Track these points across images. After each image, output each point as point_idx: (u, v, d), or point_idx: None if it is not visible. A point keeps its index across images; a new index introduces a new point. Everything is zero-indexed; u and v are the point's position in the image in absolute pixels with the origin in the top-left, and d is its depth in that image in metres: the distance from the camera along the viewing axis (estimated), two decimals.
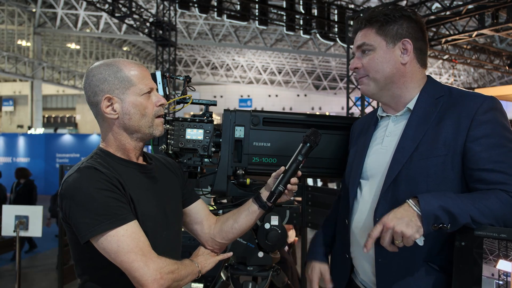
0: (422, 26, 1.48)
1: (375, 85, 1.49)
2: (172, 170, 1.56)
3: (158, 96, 1.41)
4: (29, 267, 5.98)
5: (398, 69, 1.46)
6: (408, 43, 1.45)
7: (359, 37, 1.52)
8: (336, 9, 13.81)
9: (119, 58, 1.43)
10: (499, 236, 1.20)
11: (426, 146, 1.37)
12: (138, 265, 1.21)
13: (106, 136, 1.40)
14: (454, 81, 24.06)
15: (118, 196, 1.26)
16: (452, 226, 1.24)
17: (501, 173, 1.30)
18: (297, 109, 32.04)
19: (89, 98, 1.38)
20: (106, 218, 1.22)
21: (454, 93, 1.44)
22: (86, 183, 1.25)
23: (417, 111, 1.44)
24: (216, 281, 1.97)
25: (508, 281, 1.17)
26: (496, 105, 1.37)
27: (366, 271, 1.50)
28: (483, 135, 1.33)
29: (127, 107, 1.35)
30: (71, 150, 16.79)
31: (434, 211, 1.24)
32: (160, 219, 1.39)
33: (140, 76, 1.37)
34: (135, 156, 1.42)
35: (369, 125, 1.61)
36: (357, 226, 1.51)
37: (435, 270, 1.36)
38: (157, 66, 14.71)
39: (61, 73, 26.84)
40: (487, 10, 10.20)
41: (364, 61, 1.50)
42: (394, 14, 1.46)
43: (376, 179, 1.48)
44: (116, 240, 1.22)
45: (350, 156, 1.64)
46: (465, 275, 1.26)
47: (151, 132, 1.39)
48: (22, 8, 22.44)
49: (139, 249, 1.22)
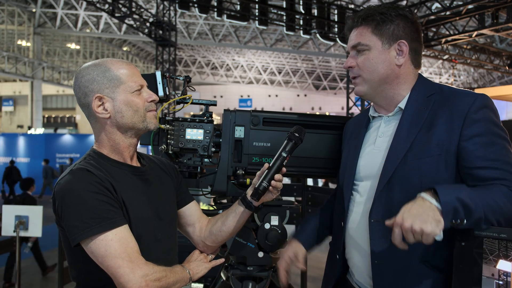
0: (418, 26, 1.47)
1: (369, 85, 1.48)
2: (166, 171, 1.55)
3: (149, 92, 1.41)
4: (29, 267, 5.98)
5: (393, 70, 1.44)
6: (404, 45, 1.43)
7: (354, 36, 1.48)
8: (336, 9, 13.80)
9: (107, 58, 1.42)
10: (499, 236, 1.20)
11: (419, 146, 1.37)
12: (124, 271, 1.20)
13: (99, 136, 1.39)
14: (454, 81, 24.07)
15: (109, 200, 1.26)
16: (467, 221, 1.20)
17: (497, 169, 1.30)
18: (297, 109, 32.04)
19: (79, 100, 1.37)
20: (96, 221, 1.22)
21: (445, 91, 1.43)
22: (78, 186, 1.25)
23: (409, 110, 1.43)
24: (216, 281, 1.97)
25: (508, 281, 1.17)
26: (487, 102, 1.36)
27: (361, 272, 1.49)
28: (477, 133, 1.33)
29: (119, 106, 1.34)
30: (71, 150, 16.79)
31: (453, 202, 1.19)
32: (154, 222, 1.38)
33: (129, 74, 1.37)
34: (129, 155, 1.41)
35: (361, 125, 1.60)
36: (352, 227, 1.50)
37: (431, 270, 1.35)
38: (157, 66, 14.71)
39: (61, 73, 26.86)
40: (487, 10, 10.21)
41: (358, 61, 1.47)
42: (390, 13, 1.43)
43: (370, 180, 1.47)
44: (104, 244, 1.21)
45: (344, 157, 1.63)
46: (465, 275, 1.26)
47: (145, 126, 1.39)
48: (22, 8, 22.45)
49: (126, 254, 1.21)
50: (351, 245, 1.51)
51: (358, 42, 1.45)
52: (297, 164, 1.80)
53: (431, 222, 1.16)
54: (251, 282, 1.84)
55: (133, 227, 1.31)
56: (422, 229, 1.15)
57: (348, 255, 1.54)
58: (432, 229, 1.15)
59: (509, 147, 1.35)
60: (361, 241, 1.46)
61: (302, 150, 1.78)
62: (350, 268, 1.56)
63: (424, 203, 1.21)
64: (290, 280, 1.70)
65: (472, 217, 1.21)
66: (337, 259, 1.56)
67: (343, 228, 1.53)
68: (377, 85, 1.46)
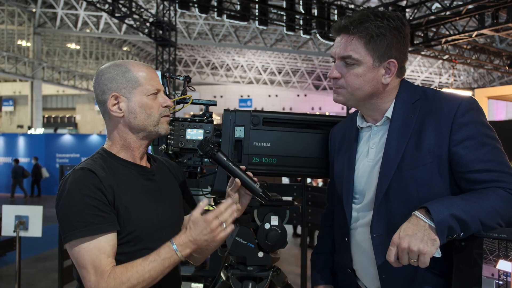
0: (408, 39, 1.42)
1: (352, 98, 1.44)
2: (174, 173, 1.57)
3: (165, 98, 1.43)
4: (29, 267, 5.98)
5: (378, 88, 1.41)
6: (393, 65, 1.39)
7: (344, 45, 1.40)
8: (336, 9, 13.80)
9: (129, 60, 1.45)
10: (499, 236, 1.20)
11: (411, 155, 1.35)
12: (89, 282, 1.23)
13: (112, 134, 1.42)
14: (454, 81, 24.07)
15: (100, 204, 1.26)
16: (465, 234, 1.22)
17: (492, 171, 1.29)
18: (297, 109, 32.04)
19: (97, 96, 1.40)
20: (81, 225, 1.24)
21: (429, 95, 1.41)
22: (73, 186, 1.27)
23: (396, 120, 1.41)
24: (216, 281, 1.97)
25: (508, 281, 1.17)
26: (473, 105, 1.35)
27: (370, 283, 1.49)
28: (466, 137, 1.31)
29: (133, 106, 1.37)
30: (71, 150, 16.79)
31: (447, 221, 1.19)
32: (156, 222, 1.39)
33: (148, 77, 1.40)
34: (139, 155, 1.43)
35: (350, 136, 1.56)
36: (356, 243, 1.49)
37: (437, 277, 1.36)
38: (157, 66, 14.71)
39: (61, 73, 26.86)
40: (487, 10, 10.22)
41: (345, 73, 1.41)
42: (385, 26, 1.36)
43: (368, 194, 1.45)
44: (77, 251, 1.24)
45: (337, 170, 1.58)
46: (465, 275, 1.26)
47: (157, 130, 1.41)
48: (22, 8, 22.46)
49: (92, 267, 1.23)
50: (357, 259, 1.51)
51: (349, 55, 1.38)
52: (298, 164, 1.80)
53: (427, 242, 1.18)
54: (251, 282, 1.84)
55: (135, 227, 1.32)
56: (419, 249, 1.17)
57: (356, 266, 1.53)
58: (430, 249, 1.17)
59: (500, 147, 1.34)
60: (366, 256, 1.46)
61: (303, 150, 1.79)
62: (360, 278, 1.54)
63: (418, 222, 1.21)
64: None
65: (468, 229, 1.22)
66: (350, 272, 1.55)
67: (348, 243, 1.52)
68: (361, 99, 1.44)
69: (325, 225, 1.75)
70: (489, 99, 6.79)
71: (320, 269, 1.69)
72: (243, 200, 1.48)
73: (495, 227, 1.23)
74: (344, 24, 1.40)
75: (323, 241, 1.73)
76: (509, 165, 1.32)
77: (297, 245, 7.84)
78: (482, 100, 6.99)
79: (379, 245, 1.38)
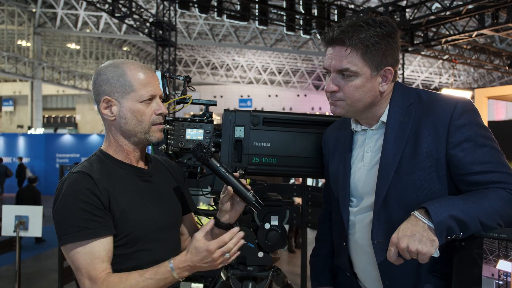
0: (399, 41, 1.41)
1: (352, 110, 1.42)
2: (173, 174, 1.55)
3: (159, 105, 1.39)
4: (29, 267, 5.98)
5: (377, 97, 1.40)
6: (389, 72, 1.38)
7: (339, 58, 1.35)
8: (336, 9, 13.80)
9: (129, 60, 1.42)
10: (499, 236, 1.20)
11: (409, 160, 1.35)
12: (84, 285, 1.25)
13: (107, 135, 1.42)
14: (454, 81, 24.07)
15: (94, 209, 1.26)
16: (464, 234, 1.22)
17: (492, 172, 1.29)
18: (297, 109, 32.01)
19: (94, 95, 1.41)
20: (75, 229, 1.24)
21: (423, 98, 1.40)
22: (68, 190, 1.27)
23: (392, 124, 1.40)
24: (216, 281, 1.97)
25: (508, 281, 1.17)
26: (468, 106, 1.34)
27: (372, 285, 1.48)
28: (463, 139, 1.31)
29: (124, 112, 1.35)
30: (71, 150, 16.80)
31: (446, 222, 1.19)
32: (153, 224, 1.38)
33: (144, 82, 1.36)
34: (134, 158, 1.42)
35: (344, 139, 1.55)
36: (355, 248, 1.49)
37: (440, 279, 1.36)
38: (157, 66, 14.71)
39: (61, 73, 26.84)
40: (487, 10, 10.21)
41: (343, 86, 1.38)
42: (378, 35, 1.33)
43: (366, 199, 1.44)
44: (72, 255, 1.26)
45: (332, 173, 1.56)
46: (465, 275, 1.26)
47: (147, 138, 1.38)
48: (22, 8, 22.45)
49: (86, 271, 1.24)
50: (357, 262, 1.50)
51: (346, 67, 1.35)
52: (298, 164, 1.80)
53: (426, 242, 1.18)
54: (251, 282, 1.84)
55: (131, 229, 1.32)
56: (417, 249, 1.17)
57: (356, 269, 1.53)
58: (428, 249, 1.17)
59: (497, 147, 1.33)
60: (367, 260, 1.45)
61: (303, 150, 1.79)
62: (361, 281, 1.54)
63: (417, 222, 1.21)
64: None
65: (468, 230, 1.22)
66: (349, 275, 1.54)
67: (346, 248, 1.51)
68: (360, 110, 1.42)
69: (322, 226, 1.75)
70: (489, 99, 6.77)
71: (319, 272, 1.68)
72: (236, 208, 1.40)
73: (495, 227, 1.23)
74: (337, 36, 1.35)
75: (321, 243, 1.73)
76: (508, 165, 1.32)
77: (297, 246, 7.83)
78: (482, 100, 6.97)
79: (381, 251, 1.36)
